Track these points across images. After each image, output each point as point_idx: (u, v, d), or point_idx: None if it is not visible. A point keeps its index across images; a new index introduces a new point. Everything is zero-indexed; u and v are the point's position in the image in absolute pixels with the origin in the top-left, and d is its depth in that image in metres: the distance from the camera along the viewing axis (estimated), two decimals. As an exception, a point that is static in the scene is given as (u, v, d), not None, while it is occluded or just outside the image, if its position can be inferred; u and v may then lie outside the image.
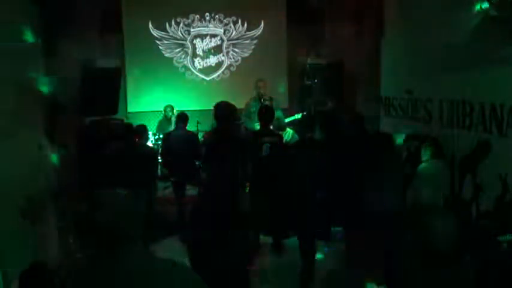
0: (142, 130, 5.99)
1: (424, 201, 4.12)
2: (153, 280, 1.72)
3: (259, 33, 8.24)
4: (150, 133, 6.74)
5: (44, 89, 6.07)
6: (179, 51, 8.19)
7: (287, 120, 6.82)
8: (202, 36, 8.23)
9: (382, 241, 3.81)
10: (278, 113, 5.96)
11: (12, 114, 4.86)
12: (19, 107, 5.06)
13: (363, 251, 4.14)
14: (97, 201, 1.75)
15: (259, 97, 6.66)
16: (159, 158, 6.50)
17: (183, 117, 6.25)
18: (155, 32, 8.05)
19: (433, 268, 1.53)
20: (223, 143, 4.69)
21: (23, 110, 5.24)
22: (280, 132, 5.77)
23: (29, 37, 5.57)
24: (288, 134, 5.92)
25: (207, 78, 8.29)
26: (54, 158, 6.07)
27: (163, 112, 7.62)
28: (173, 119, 6.96)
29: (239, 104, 6.22)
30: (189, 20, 8.15)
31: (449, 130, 4.77)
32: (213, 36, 8.23)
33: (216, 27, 8.21)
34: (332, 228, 4.59)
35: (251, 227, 4.01)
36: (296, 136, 5.97)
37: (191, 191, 6.42)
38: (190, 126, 6.53)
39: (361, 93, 7.21)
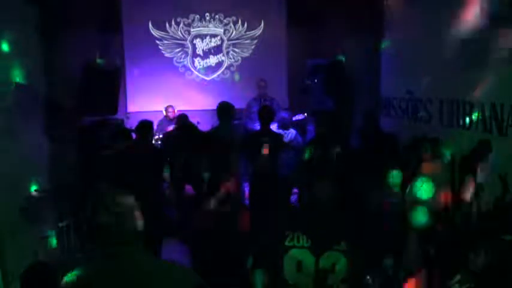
0: (149, 126, 5.60)
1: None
2: (154, 281, 1.72)
3: (259, 33, 8.23)
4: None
5: (44, 89, 6.07)
6: (179, 51, 8.18)
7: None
8: (202, 36, 8.22)
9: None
10: (283, 114, 5.99)
11: (12, 113, 4.87)
12: (19, 106, 5.06)
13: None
14: (98, 202, 1.75)
15: (259, 97, 6.68)
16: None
17: (183, 118, 6.25)
18: (155, 32, 8.04)
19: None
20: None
21: (23, 109, 5.24)
22: (283, 131, 5.78)
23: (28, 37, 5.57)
24: (292, 134, 5.92)
25: (207, 78, 8.29)
26: (54, 158, 6.06)
27: (163, 112, 7.61)
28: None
29: (239, 104, 6.24)
30: (189, 20, 8.14)
31: (449, 130, 4.77)
32: (213, 36, 8.22)
33: (216, 27, 8.20)
34: None
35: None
36: (299, 137, 5.98)
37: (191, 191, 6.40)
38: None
39: (361, 93, 7.20)
